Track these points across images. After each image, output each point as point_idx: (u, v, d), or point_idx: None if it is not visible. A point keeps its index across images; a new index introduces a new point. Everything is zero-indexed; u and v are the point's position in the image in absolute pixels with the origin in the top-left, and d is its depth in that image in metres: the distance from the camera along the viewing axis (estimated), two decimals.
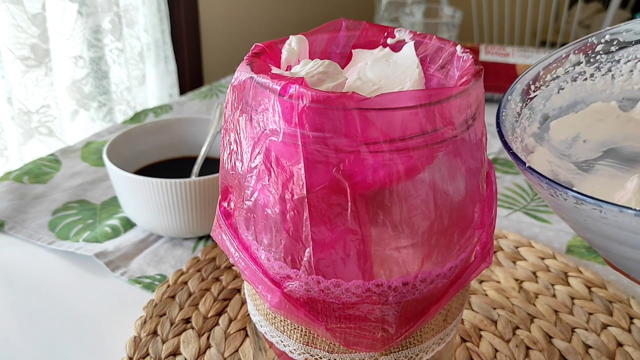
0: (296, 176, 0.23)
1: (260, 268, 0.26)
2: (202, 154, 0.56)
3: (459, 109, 0.23)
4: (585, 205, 0.21)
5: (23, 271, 0.48)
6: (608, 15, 1.48)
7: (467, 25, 1.60)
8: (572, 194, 0.21)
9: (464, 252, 0.26)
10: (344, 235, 0.23)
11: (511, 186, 0.63)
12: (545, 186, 0.23)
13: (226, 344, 0.41)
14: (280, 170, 0.23)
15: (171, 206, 0.48)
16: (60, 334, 0.42)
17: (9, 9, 1.09)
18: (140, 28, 1.48)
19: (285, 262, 0.25)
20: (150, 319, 0.42)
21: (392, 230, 0.23)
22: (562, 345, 0.41)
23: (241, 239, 0.27)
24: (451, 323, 0.29)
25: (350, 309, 0.25)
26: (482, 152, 0.26)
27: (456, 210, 0.25)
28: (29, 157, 1.20)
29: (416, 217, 0.23)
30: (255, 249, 0.26)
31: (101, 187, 0.61)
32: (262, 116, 0.23)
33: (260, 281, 0.26)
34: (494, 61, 0.86)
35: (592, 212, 0.21)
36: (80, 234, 0.53)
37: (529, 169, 0.24)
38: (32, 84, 1.19)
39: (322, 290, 0.25)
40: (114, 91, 1.42)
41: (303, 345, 0.27)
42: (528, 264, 0.49)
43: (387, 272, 0.24)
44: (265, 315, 0.29)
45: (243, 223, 0.27)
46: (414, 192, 0.23)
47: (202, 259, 0.49)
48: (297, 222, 0.23)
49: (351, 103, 0.21)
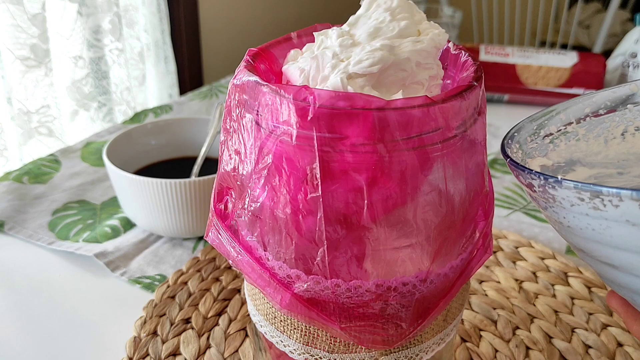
0: (310, 175, 0.23)
1: (267, 270, 0.26)
2: (202, 154, 0.56)
3: (467, 107, 0.23)
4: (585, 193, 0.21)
5: (23, 271, 0.48)
6: (608, 16, 1.48)
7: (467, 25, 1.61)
8: (587, 185, 0.21)
9: (471, 244, 0.27)
10: (359, 234, 0.23)
11: (511, 186, 0.63)
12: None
13: (226, 344, 0.41)
14: (293, 171, 0.23)
15: (171, 206, 0.48)
16: (60, 334, 0.42)
17: (8, 9, 1.09)
18: (140, 28, 1.48)
19: (296, 263, 0.25)
20: (150, 319, 0.42)
21: (406, 227, 0.24)
22: (562, 345, 0.41)
23: (243, 242, 0.27)
24: (451, 323, 0.29)
25: (362, 307, 0.25)
26: (485, 148, 0.26)
27: (466, 205, 0.25)
28: (28, 157, 1.20)
29: (429, 214, 0.24)
30: (261, 251, 0.26)
31: (101, 187, 0.61)
32: (270, 117, 0.23)
33: (268, 283, 0.26)
34: (494, 61, 0.87)
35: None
36: (80, 234, 0.53)
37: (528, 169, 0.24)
38: (32, 84, 1.18)
39: (335, 291, 0.25)
40: (113, 91, 1.42)
41: (303, 345, 0.27)
42: (528, 264, 0.49)
43: (402, 269, 0.25)
44: (265, 316, 0.29)
45: (245, 225, 0.26)
46: (428, 189, 0.23)
47: (202, 259, 0.49)
48: (310, 222, 0.23)
49: (366, 104, 0.21)
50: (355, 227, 0.23)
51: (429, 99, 0.22)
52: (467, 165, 0.25)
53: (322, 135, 0.22)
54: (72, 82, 1.27)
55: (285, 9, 2.11)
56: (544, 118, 0.32)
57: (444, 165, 0.23)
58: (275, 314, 0.28)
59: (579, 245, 0.25)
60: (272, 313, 0.28)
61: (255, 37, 1.98)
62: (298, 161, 0.23)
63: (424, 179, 0.23)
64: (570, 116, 0.32)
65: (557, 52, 0.87)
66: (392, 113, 0.21)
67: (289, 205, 0.24)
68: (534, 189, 0.24)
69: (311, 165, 0.23)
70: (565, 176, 0.29)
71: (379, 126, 0.22)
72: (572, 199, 0.22)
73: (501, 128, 0.78)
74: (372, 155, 0.22)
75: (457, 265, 0.26)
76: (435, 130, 0.22)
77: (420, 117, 0.22)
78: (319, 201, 0.23)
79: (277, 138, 0.23)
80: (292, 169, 0.23)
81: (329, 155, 0.22)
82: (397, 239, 0.24)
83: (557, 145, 0.32)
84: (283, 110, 0.23)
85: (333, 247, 0.24)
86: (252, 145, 0.25)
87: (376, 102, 0.21)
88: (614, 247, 0.22)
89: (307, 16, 2.21)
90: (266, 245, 0.26)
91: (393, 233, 0.24)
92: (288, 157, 0.23)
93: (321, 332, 0.27)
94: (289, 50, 0.29)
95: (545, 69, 0.85)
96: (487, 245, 0.28)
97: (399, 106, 0.21)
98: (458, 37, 1.00)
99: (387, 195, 0.23)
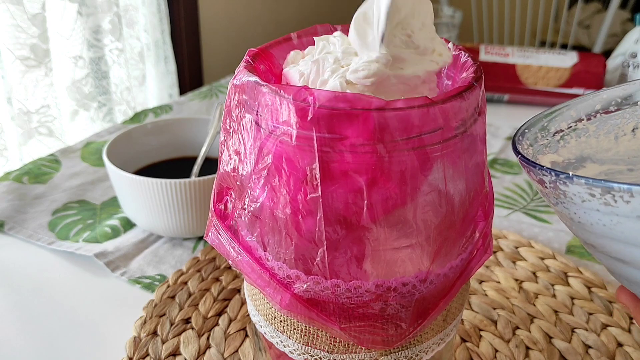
0: (310, 176, 0.23)
1: (267, 271, 0.26)
2: (202, 154, 0.56)
3: (467, 107, 0.23)
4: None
5: (23, 271, 0.48)
6: (608, 16, 1.48)
7: (467, 25, 1.60)
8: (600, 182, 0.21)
9: (471, 244, 0.27)
10: (359, 234, 0.23)
11: (511, 186, 0.63)
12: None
13: (226, 344, 0.41)
14: (293, 171, 0.23)
15: (171, 206, 0.48)
16: (60, 334, 0.42)
17: (8, 9, 1.09)
18: (140, 28, 1.48)
19: (296, 263, 0.25)
20: (150, 319, 0.42)
21: (406, 228, 0.24)
22: (562, 345, 0.41)
23: (243, 242, 0.27)
24: (451, 323, 0.29)
25: (362, 307, 0.25)
26: (485, 148, 0.26)
27: (466, 206, 0.25)
28: (28, 157, 1.20)
29: (429, 214, 0.24)
30: (261, 252, 0.26)
31: (101, 187, 0.61)
32: (270, 117, 0.23)
33: (268, 284, 0.26)
34: (494, 61, 0.87)
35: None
36: (80, 234, 0.53)
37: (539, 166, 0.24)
38: (32, 84, 1.18)
39: (335, 291, 0.25)
40: (113, 91, 1.42)
41: (303, 345, 0.27)
42: (528, 264, 0.49)
43: (401, 270, 0.25)
44: (265, 316, 0.29)
45: (245, 225, 0.26)
46: (428, 190, 0.23)
47: (202, 259, 0.49)
48: (310, 223, 0.23)
49: (366, 105, 0.21)
50: (355, 227, 0.23)
51: (428, 100, 0.22)
52: (467, 166, 0.25)
53: (322, 136, 0.22)
54: (72, 82, 1.27)
55: (285, 10, 2.11)
56: (554, 114, 0.32)
57: (443, 166, 0.23)
58: (275, 314, 0.28)
59: (589, 240, 0.25)
60: (272, 313, 0.28)
61: (255, 37, 1.98)
62: (298, 161, 0.23)
63: (423, 180, 0.23)
64: (580, 113, 0.32)
65: (557, 52, 0.87)
66: (391, 113, 0.21)
67: (288, 206, 0.24)
68: (545, 185, 0.24)
69: (311, 165, 0.23)
70: (576, 172, 0.29)
71: (378, 127, 0.22)
72: (583, 195, 0.22)
73: (501, 128, 0.78)
74: (371, 155, 0.22)
75: (457, 266, 0.26)
76: (435, 131, 0.22)
77: (420, 118, 0.22)
78: (319, 201, 0.23)
79: (277, 138, 0.23)
80: (292, 170, 0.23)
81: (328, 156, 0.22)
82: (396, 239, 0.24)
83: (568, 141, 0.32)
84: (283, 110, 0.23)
85: (333, 247, 0.24)
86: (251, 146, 0.25)
87: (376, 103, 0.21)
88: (625, 242, 0.22)
89: (307, 17, 2.21)
90: (266, 246, 0.26)
91: (393, 233, 0.24)
92: (288, 157, 0.23)
93: (321, 332, 0.27)
94: (289, 50, 0.29)
95: (545, 69, 0.85)
96: (487, 245, 0.28)
97: (399, 107, 0.22)
98: (458, 37, 1.00)
99: (387, 195, 0.23)
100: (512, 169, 0.67)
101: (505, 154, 0.71)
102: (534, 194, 0.62)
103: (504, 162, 0.69)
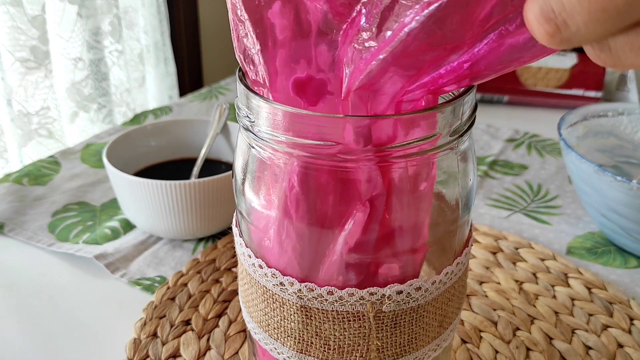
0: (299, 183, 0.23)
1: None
2: (202, 156, 0.55)
3: (452, 116, 0.23)
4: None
5: (23, 273, 0.48)
6: None
7: None
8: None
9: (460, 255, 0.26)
10: (352, 241, 0.23)
11: (511, 187, 0.63)
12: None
13: (226, 346, 0.41)
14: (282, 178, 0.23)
15: (171, 208, 0.48)
16: (60, 336, 0.42)
17: (8, 11, 1.09)
18: (140, 30, 1.49)
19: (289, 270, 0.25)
20: (150, 321, 0.42)
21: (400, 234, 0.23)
22: (563, 346, 0.41)
23: None
24: (447, 328, 0.29)
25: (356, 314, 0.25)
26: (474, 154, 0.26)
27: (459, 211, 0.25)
28: (28, 159, 1.20)
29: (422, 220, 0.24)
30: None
31: (101, 188, 0.61)
32: (252, 123, 0.23)
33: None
34: None
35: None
36: (80, 235, 0.53)
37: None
38: (32, 85, 1.19)
39: (316, 297, 0.24)
40: (113, 93, 1.42)
41: (297, 352, 0.27)
42: (528, 265, 0.49)
43: (396, 277, 0.24)
44: (259, 323, 0.29)
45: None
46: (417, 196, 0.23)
47: (201, 260, 0.49)
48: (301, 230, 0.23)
49: (345, 112, 0.21)
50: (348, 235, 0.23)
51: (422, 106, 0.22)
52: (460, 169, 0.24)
53: (312, 143, 0.22)
54: (72, 83, 1.28)
55: None
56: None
57: (431, 173, 0.23)
58: (269, 321, 0.28)
59: None
60: (265, 320, 0.28)
61: None
62: (287, 168, 0.23)
63: (417, 186, 0.23)
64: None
65: (556, 53, 0.87)
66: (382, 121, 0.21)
67: (279, 212, 0.24)
68: None
69: (300, 172, 0.22)
70: None
71: (369, 133, 0.21)
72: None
73: (501, 129, 0.78)
74: (363, 162, 0.22)
75: (452, 271, 0.26)
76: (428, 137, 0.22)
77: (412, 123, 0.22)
78: (309, 209, 0.23)
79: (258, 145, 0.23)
80: (282, 176, 0.23)
81: (317, 163, 0.22)
82: (390, 246, 0.24)
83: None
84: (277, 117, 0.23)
85: (326, 254, 0.24)
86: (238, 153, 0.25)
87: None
88: None
89: None
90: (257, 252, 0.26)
91: (386, 240, 0.24)
92: (278, 164, 0.23)
93: (315, 339, 0.27)
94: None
95: (544, 70, 0.85)
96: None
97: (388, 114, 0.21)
98: None
99: (379, 202, 0.23)
100: (512, 170, 0.67)
101: (505, 155, 0.71)
102: (534, 195, 0.62)
103: (504, 164, 0.69)
